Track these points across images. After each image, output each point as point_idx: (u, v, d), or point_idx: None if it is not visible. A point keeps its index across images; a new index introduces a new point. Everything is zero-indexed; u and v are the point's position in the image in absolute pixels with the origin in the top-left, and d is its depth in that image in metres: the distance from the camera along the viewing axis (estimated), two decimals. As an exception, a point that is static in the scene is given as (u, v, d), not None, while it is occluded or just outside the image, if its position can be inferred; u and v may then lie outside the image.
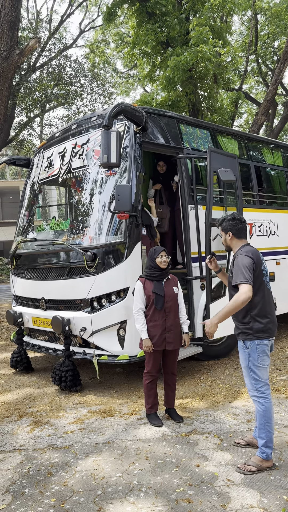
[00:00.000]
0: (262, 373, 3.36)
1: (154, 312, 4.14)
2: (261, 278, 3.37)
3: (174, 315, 4.22)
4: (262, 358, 3.34)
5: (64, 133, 6.26)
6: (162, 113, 6.05)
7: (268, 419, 3.32)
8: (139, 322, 4.15)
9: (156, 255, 4.22)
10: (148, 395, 4.23)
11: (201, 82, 12.04)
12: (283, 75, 12.71)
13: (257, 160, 7.66)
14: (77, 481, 3.22)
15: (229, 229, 3.55)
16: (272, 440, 3.32)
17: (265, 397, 3.34)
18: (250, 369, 3.38)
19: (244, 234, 3.59)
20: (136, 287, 4.24)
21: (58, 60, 18.08)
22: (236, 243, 3.55)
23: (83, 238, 5.49)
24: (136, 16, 12.45)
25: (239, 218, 3.57)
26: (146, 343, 4.10)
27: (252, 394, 3.42)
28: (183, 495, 2.96)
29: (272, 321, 3.42)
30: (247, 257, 3.32)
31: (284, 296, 7.47)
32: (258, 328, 3.33)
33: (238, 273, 3.27)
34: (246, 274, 3.24)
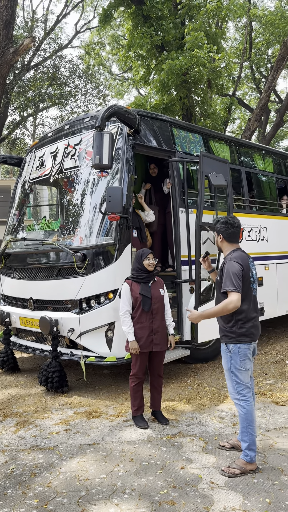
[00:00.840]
0: (243, 376, 3.38)
1: (141, 314, 4.14)
2: (248, 285, 3.40)
3: (161, 317, 4.24)
4: (244, 361, 3.37)
5: (56, 133, 6.25)
6: (155, 116, 6.08)
7: (250, 422, 3.34)
8: (125, 324, 4.15)
9: (144, 257, 4.24)
10: (134, 397, 4.23)
11: (195, 87, 12.10)
12: (276, 82, 12.84)
13: (248, 165, 7.73)
14: (61, 482, 3.21)
15: (221, 232, 3.57)
16: (255, 443, 3.34)
17: (246, 400, 3.37)
18: (231, 372, 3.41)
19: (236, 238, 3.60)
20: (123, 289, 4.24)
21: (52, 60, 18.04)
22: (226, 246, 3.57)
23: (73, 238, 5.48)
24: (132, 19, 12.48)
25: (232, 222, 3.56)
26: (132, 345, 4.10)
27: (233, 397, 3.45)
28: (166, 497, 2.97)
29: (255, 325, 3.45)
30: (236, 264, 3.34)
31: (272, 301, 7.53)
32: (241, 332, 3.36)
33: (227, 280, 3.29)
34: (235, 282, 3.26)
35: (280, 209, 8.38)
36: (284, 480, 3.15)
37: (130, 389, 4.25)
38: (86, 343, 5.15)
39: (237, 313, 3.36)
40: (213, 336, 5.92)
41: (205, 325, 5.56)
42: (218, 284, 3.51)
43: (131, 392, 4.24)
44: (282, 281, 7.82)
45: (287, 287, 7.96)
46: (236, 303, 3.23)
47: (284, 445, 3.72)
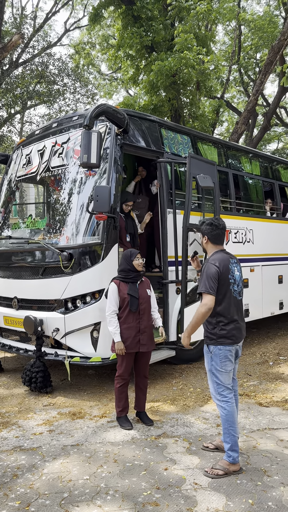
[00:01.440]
0: (223, 377, 3.39)
1: (129, 314, 4.12)
2: (226, 287, 3.38)
3: (148, 317, 4.23)
4: (224, 363, 3.38)
5: (44, 131, 6.20)
6: (144, 117, 6.07)
7: (231, 423, 3.35)
8: (112, 325, 4.12)
9: (133, 257, 4.22)
10: (119, 398, 4.20)
11: (184, 88, 12.14)
12: (264, 86, 12.97)
13: (236, 168, 7.78)
14: (44, 484, 3.17)
15: (206, 233, 3.58)
16: (237, 443, 3.35)
17: (227, 401, 3.37)
18: (212, 373, 3.43)
19: (221, 240, 3.61)
20: (110, 289, 4.20)
21: (41, 57, 17.92)
22: (210, 248, 3.58)
23: (59, 237, 5.44)
24: (122, 19, 12.47)
25: (217, 224, 3.57)
26: (119, 346, 4.07)
27: (215, 398, 3.47)
28: (150, 498, 2.96)
29: (237, 328, 3.44)
30: (213, 266, 3.35)
31: (257, 303, 7.59)
32: (222, 334, 3.37)
33: (201, 282, 3.32)
34: (208, 284, 3.28)
35: (266, 211, 8.46)
36: (267, 481, 3.17)
37: (115, 390, 4.23)
38: (71, 343, 5.11)
39: (217, 314, 3.37)
40: (198, 337, 5.90)
41: (191, 326, 5.57)
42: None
43: (116, 393, 4.21)
44: (267, 283, 7.89)
45: (271, 289, 8.04)
46: (208, 304, 3.25)
47: (267, 446, 3.74)
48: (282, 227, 8.55)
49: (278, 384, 5.46)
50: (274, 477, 3.21)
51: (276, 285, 8.20)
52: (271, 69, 12.50)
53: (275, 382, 5.55)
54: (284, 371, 6.02)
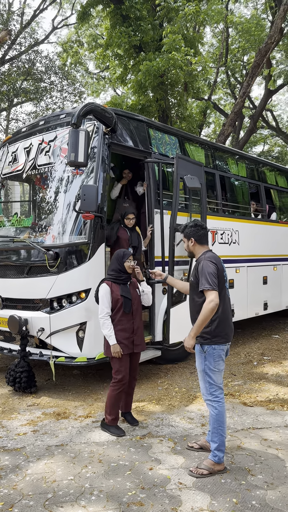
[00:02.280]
0: (216, 377, 3.42)
1: (122, 315, 4.02)
2: (222, 285, 3.44)
3: (139, 318, 4.19)
4: (218, 362, 3.41)
5: (31, 129, 6.14)
6: (132, 116, 6.07)
7: (221, 423, 3.38)
8: (106, 327, 3.98)
9: (125, 258, 4.13)
10: (114, 406, 4.03)
11: (172, 89, 12.17)
12: (251, 88, 13.08)
13: (222, 169, 7.83)
14: (27, 485, 3.14)
15: (191, 235, 3.60)
16: (224, 443, 3.38)
17: (219, 401, 3.40)
18: (205, 373, 3.43)
19: (206, 240, 3.65)
20: (102, 290, 4.06)
21: (28, 54, 17.75)
22: (198, 249, 3.61)
23: (45, 236, 5.40)
24: (110, 18, 12.43)
25: (201, 224, 3.64)
26: (115, 348, 3.95)
27: (206, 398, 3.47)
28: (134, 498, 2.96)
29: (230, 326, 3.50)
30: (212, 263, 3.38)
31: (242, 303, 7.66)
32: (217, 333, 3.39)
33: (203, 279, 3.32)
34: (211, 280, 3.30)
35: (252, 213, 8.54)
36: (250, 480, 3.20)
37: (110, 396, 4.01)
38: (56, 343, 5.07)
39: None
40: (184, 337, 5.94)
41: (177, 326, 5.59)
42: (192, 286, 3.52)
43: (112, 400, 4.00)
44: (252, 284, 7.97)
45: (256, 290, 8.13)
46: (215, 300, 3.26)
47: (252, 445, 3.77)
48: (267, 229, 8.65)
49: (262, 384, 5.51)
50: (258, 476, 3.24)
51: (261, 286, 8.29)
52: (258, 72, 12.62)
53: (259, 382, 5.60)
54: (268, 371, 6.08)
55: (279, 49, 17.98)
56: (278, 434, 3.99)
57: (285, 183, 9.87)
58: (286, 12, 12.16)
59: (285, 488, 3.08)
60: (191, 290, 3.57)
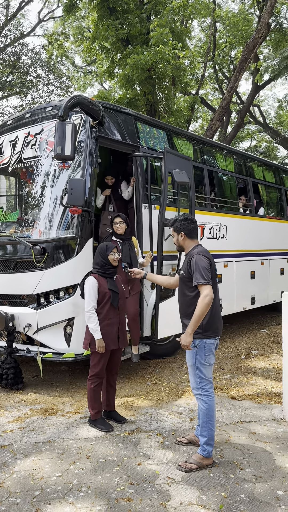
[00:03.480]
0: (207, 371, 3.42)
1: (109, 310, 3.96)
2: (214, 279, 3.44)
3: (124, 313, 4.17)
4: (209, 356, 3.41)
5: (16, 122, 6.04)
6: (120, 109, 6.00)
7: (210, 417, 3.38)
8: (93, 321, 3.90)
9: (109, 251, 4.07)
10: (95, 399, 4.00)
11: (159, 83, 12.10)
12: (238, 83, 13.09)
13: (211, 164, 7.82)
14: (14, 482, 3.10)
15: (182, 229, 3.57)
16: (213, 438, 3.38)
17: (209, 395, 3.41)
18: (196, 367, 3.42)
19: (196, 234, 3.63)
20: (90, 283, 3.96)
21: (14, 47, 17.48)
22: (188, 243, 3.58)
23: (32, 231, 5.33)
24: (97, 11, 12.28)
25: (191, 218, 3.61)
26: (100, 343, 3.88)
27: (196, 392, 3.47)
28: (123, 494, 2.94)
29: (220, 320, 3.52)
30: (205, 258, 3.37)
31: (230, 298, 7.68)
32: (207, 328, 3.39)
33: (197, 274, 3.30)
34: (205, 274, 3.29)
35: (240, 208, 8.56)
36: (239, 473, 3.20)
37: (89, 391, 3.99)
38: (43, 339, 5.02)
39: None
40: (173, 332, 5.95)
41: (165, 321, 5.59)
42: (183, 280, 3.49)
43: (91, 394, 3.99)
44: (240, 278, 8.00)
45: (244, 285, 8.16)
46: (210, 294, 3.26)
47: (240, 439, 3.79)
48: (254, 224, 8.68)
49: (250, 377, 5.54)
50: (246, 470, 3.25)
51: (249, 280, 8.33)
52: (246, 66, 12.63)
53: (247, 375, 5.63)
54: (255, 365, 6.11)
55: (266, 44, 18.02)
56: (266, 428, 4.01)
57: (272, 178, 9.92)
58: (273, 7, 12.18)
59: (273, 481, 3.09)
60: (181, 284, 3.55)
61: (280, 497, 2.90)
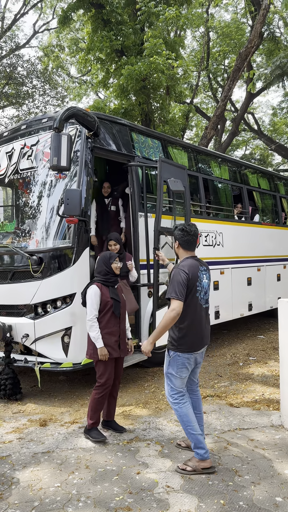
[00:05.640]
0: (177, 382, 3.45)
1: (110, 318, 3.96)
2: (194, 294, 3.40)
3: (124, 322, 4.16)
4: (181, 370, 3.42)
5: (13, 133, 6.09)
6: (115, 120, 6.07)
7: (186, 423, 3.40)
8: (95, 330, 3.89)
9: (112, 260, 4.08)
10: (97, 410, 3.96)
11: (154, 93, 12.21)
12: (232, 92, 13.23)
13: (205, 172, 7.89)
14: (13, 493, 3.10)
15: (177, 239, 3.60)
16: (200, 441, 3.39)
17: (178, 403, 3.43)
18: (167, 377, 3.48)
19: (192, 246, 3.61)
20: (92, 292, 3.95)
21: (9, 58, 17.63)
22: (181, 253, 3.60)
23: (29, 241, 5.36)
24: (92, 22, 12.41)
25: (189, 230, 3.56)
26: (102, 351, 3.87)
27: (168, 400, 3.53)
28: (122, 503, 2.94)
29: (199, 336, 3.47)
30: (183, 272, 3.36)
31: (227, 305, 7.71)
32: (182, 342, 3.39)
33: (171, 287, 3.33)
34: (178, 289, 3.29)
35: (235, 215, 8.62)
36: (238, 481, 3.21)
37: (93, 400, 3.94)
38: (41, 349, 5.02)
39: (180, 321, 3.38)
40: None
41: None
42: None
43: (95, 404, 3.93)
44: (237, 285, 8.04)
45: (241, 291, 8.19)
46: (177, 309, 3.26)
47: (238, 446, 3.79)
48: (250, 231, 8.74)
49: (248, 384, 5.55)
50: (245, 477, 3.26)
51: (245, 287, 8.37)
52: (239, 75, 12.78)
53: (245, 382, 5.64)
54: (253, 372, 6.13)
55: (259, 52, 18.25)
56: (264, 434, 4.02)
57: (267, 185, 10.00)
58: (265, 17, 12.36)
59: (272, 488, 3.10)
60: None
61: (279, 503, 2.91)
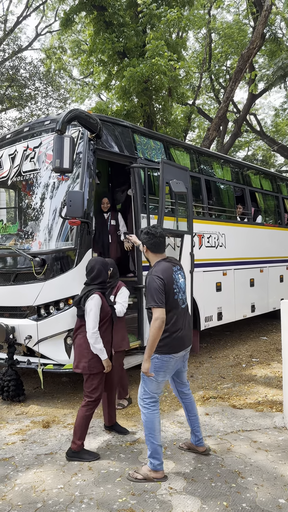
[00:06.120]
0: (152, 386, 3.33)
1: (107, 328, 3.84)
2: (172, 297, 3.32)
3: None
4: (158, 373, 3.30)
5: (15, 135, 6.12)
6: (117, 122, 6.09)
7: (150, 430, 3.30)
8: (99, 342, 3.66)
9: (108, 267, 4.05)
10: (84, 428, 3.67)
11: (156, 95, 12.23)
12: (234, 93, 13.23)
13: (208, 173, 7.89)
14: (16, 495, 3.10)
15: (144, 243, 3.49)
16: (157, 452, 3.29)
17: (148, 408, 3.33)
18: (142, 378, 3.36)
19: (161, 248, 3.50)
20: (96, 303, 3.71)
21: (12, 61, 17.70)
22: (151, 257, 3.50)
23: (32, 243, 5.37)
24: (94, 25, 12.45)
25: (154, 232, 3.46)
26: (108, 363, 3.72)
27: (139, 402, 3.42)
28: (125, 505, 2.94)
29: (180, 338, 3.36)
30: (157, 279, 3.26)
31: (230, 306, 7.70)
32: (161, 343, 3.26)
33: (149, 296, 3.24)
34: (157, 297, 3.20)
35: (238, 216, 8.61)
36: (241, 482, 3.21)
37: (84, 418, 3.64)
38: (44, 351, 5.03)
39: None
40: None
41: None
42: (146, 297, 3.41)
43: (83, 422, 3.64)
44: (239, 286, 8.03)
45: (243, 293, 8.18)
46: (162, 317, 3.16)
47: (241, 448, 3.79)
48: (253, 232, 8.73)
49: (251, 386, 5.54)
50: (248, 479, 3.25)
51: (248, 288, 8.36)
52: (241, 76, 12.78)
53: (248, 384, 5.63)
54: (256, 373, 6.12)
55: (261, 53, 18.25)
56: (267, 436, 4.01)
57: (269, 186, 10.00)
58: (267, 18, 12.36)
59: (275, 490, 3.10)
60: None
61: (282, 505, 2.91)
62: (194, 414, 3.64)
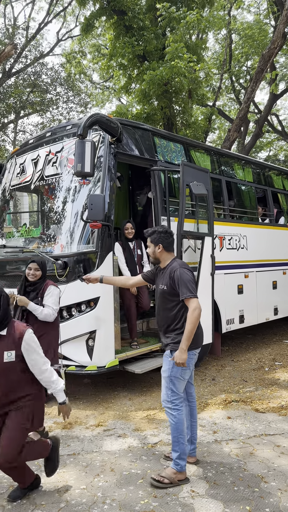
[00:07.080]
0: (180, 385, 3.37)
1: None
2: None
3: None
4: (184, 371, 3.34)
5: (38, 140, 6.23)
6: (137, 125, 6.12)
7: (180, 431, 3.31)
8: None
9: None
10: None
11: (176, 97, 12.24)
12: (255, 93, 13.10)
13: (229, 175, 7.84)
14: (40, 494, 3.15)
15: (161, 242, 3.52)
16: (185, 452, 3.31)
17: (178, 409, 3.34)
18: (170, 380, 3.36)
19: (173, 248, 3.62)
20: None
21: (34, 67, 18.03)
22: (166, 256, 3.54)
23: (54, 246, 5.45)
24: (114, 29, 12.57)
25: (170, 231, 3.59)
26: None
27: (165, 405, 3.41)
28: (147, 507, 2.95)
29: (199, 334, 3.45)
30: (188, 270, 3.36)
31: (252, 309, 7.62)
32: None
33: (183, 288, 3.27)
34: (192, 287, 3.27)
35: (259, 217, 8.53)
36: (264, 487, 3.17)
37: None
38: (66, 352, 5.09)
39: (183, 319, 3.34)
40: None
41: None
42: (163, 294, 3.43)
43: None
44: (262, 289, 7.93)
45: (266, 295, 8.08)
46: (200, 307, 3.25)
47: (264, 452, 3.74)
48: (275, 233, 8.62)
49: (274, 389, 5.47)
50: (271, 483, 3.22)
51: (271, 290, 8.25)
52: (262, 77, 12.65)
53: (271, 387, 5.56)
54: (279, 377, 6.03)
55: (282, 53, 18.02)
56: (291, 440, 3.95)
57: (292, 187, 9.85)
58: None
59: (299, 495, 3.05)
60: (161, 299, 3.48)
61: (306, 511, 2.86)
62: (196, 420, 3.63)
